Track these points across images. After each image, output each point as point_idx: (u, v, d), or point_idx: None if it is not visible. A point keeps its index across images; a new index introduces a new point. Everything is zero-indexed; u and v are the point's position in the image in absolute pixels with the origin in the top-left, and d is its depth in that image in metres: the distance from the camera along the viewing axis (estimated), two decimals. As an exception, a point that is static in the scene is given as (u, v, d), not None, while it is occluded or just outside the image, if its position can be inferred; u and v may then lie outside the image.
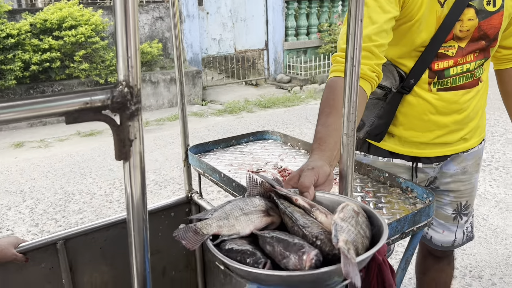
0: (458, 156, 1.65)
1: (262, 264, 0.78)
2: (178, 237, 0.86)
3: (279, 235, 0.84)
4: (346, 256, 0.73)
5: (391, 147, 1.66)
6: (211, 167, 1.70)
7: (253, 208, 0.96)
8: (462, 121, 1.56)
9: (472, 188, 1.75)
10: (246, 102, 7.86)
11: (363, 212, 0.93)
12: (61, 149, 5.54)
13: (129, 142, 0.74)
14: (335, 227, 0.80)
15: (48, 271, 1.65)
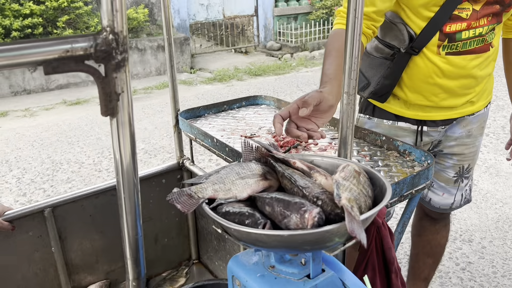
0: (463, 119, 1.62)
1: (261, 224, 0.74)
2: (172, 200, 0.81)
3: (279, 195, 0.80)
4: (350, 213, 0.69)
5: (397, 110, 1.62)
6: (203, 132, 1.64)
7: (250, 172, 0.92)
8: (469, 86, 1.52)
9: (475, 151, 1.73)
10: (235, 70, 7.72)
11: (365, 172, 0.89)
12: (47, 118, 5.41)
13: (116, 96, 0.67)
14: (337, 186, 0.76)
15: (36, 239, 1.60)
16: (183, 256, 2.07)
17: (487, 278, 2.48)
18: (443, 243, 1.94)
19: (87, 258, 1.75)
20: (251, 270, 0.89)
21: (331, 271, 0.88)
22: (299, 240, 0.72)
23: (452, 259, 2.65)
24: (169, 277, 1.95)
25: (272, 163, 0.94)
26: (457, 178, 1.73)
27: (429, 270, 2.02)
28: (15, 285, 1.60)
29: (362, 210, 0.76)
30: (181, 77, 7.27)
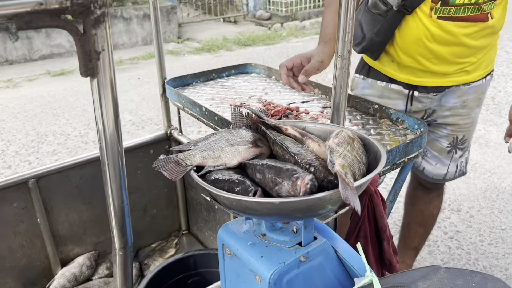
0: (458, 88, 1.59)
1: (252, 192, 0.71)
2: (158, 167, 0.78)
3: (270, 162, 0.76)
4: (344, 180, 0.66)
5: (390, 72, 1.60)
6: (191, 101, 1.59)
7: (240, 139, 0.88)
8: (461, 55, 1.48)
9: (471, 123, 1.70)
10: (224, 40, 7.57)
11: (359, 139, 0.86)
12: (31, 89, 5.27)
13: (96, 54, 0.63)
14: (331, 152, 0.73)
15: (21, 210, 1.57)
16: (172, 227, 2.05)
17: (474, 246, 2.52)
18: (435, 213, 1.95)
19: (75, 230, 1.73)
20: (241, 239, 0.87)
21: (323, 239, 0.86)
22: (290, 207, 0.69)
23: (440, 228, 2.68)
24: (159, 248, 1.94)
25: (263, 129, 0.90)
26: (450, 149, 1.72)
27: (419, 240, 2.04)
28: (1, 256, 1.57)
29: (356, 177, 0.73)
30: (168, 47, 7.11)
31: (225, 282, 0.94)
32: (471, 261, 2.40)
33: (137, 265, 1.82)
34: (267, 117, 0.93)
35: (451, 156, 1.73)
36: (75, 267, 1.72)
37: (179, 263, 1.52)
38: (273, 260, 0.81)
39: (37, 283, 1.69)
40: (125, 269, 0.83)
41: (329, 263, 0.88)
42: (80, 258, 1.75)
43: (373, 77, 1.66)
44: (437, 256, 2.44)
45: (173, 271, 1.51)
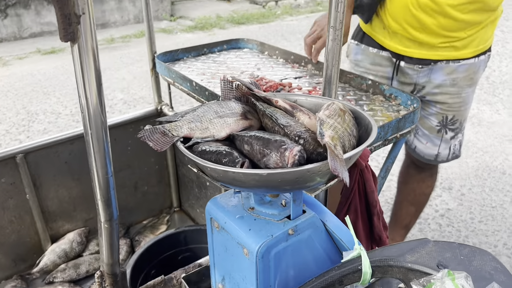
0: (447, 65, 1.56)
1: (239, 163, 0.69)
2: (144, 138, 0.75)
3: (259, 133, 0.75)
4: (333, 151, 0.65)
5: (381, 39, 1.61)
6: (181, 76, 1.56)
7: (229, 111, 0.86)
8: (448, 27, 1.45)
9: (461, 102, 1.66)
10: (218, 18, 7.45)
11: (350, 112, 0.84)
12: (21, 68, 5.18)
13: (76, 18, 0.60)
14: (321, 123, 0.71)
15: (9, 186, 1.55)
16: (164, 204, 2.05)
17: (464, 224, 2.54)
18: (427, 192, 1.95)
19: (64, 206, 1.71)
20: (229, 212, 0.86)
21: (312, 212, 0.85)
22: (278, 179, 0.68)
23: (432, 206, 2.70)
24: (150, 224, 1.93)
25: (253, 101, 0.88)
26: (440, 128, 1.70)
27: (410, 218, 2.04)
28: (-11, 233, 1.56)
29: (346, 149, 0.72)
30: (160, 25, 6.99)
31: (214, 256, 0.94)
32: (461, 238, 2.43)
33: (128, 241, 1.82)
34: (258, 89, 0.90)
35: (441, 136, 1.72)
36: (66, 243, 1.71)
37: (170, 239, 1.51)
38: (261, 233, 0.80)
39: (27, 259, 1.68)
40: (111, 242, 0.82)
41: (317, 237, 0.87)
42: (71, 234, 1.74)
43: (366, 43, 1.67)
44: (427, 233, 2.46)
45: (163, 246, 1.50)
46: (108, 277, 0.87)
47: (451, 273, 0.68)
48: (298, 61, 1.78)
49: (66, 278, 1.63)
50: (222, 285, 0.94)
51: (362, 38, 1.68)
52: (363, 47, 1.68)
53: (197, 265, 1.07)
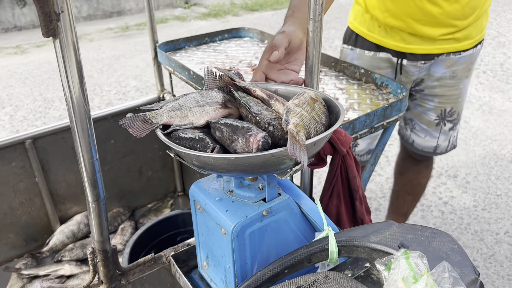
0: (448, 58, 1.56)
1: (210, 148, 0.75)
2: (124, 125, 0.82)
3: (229, 121, 0.80)
4: (294, 137, 0.70)
5: (378, 39, 1.58)
6: (180, 65, 1.62)
7: (209, 100, 0.91)
8: (452, 15, 1.44)
9: (459, 94, 1.66)
10: (231, 5, 7.46)
11: (322, 100, 0.88)
12: (38, 56, 5.32)
13: (56, 16, 0.66)
14: (287, 111, 0.77)
15: (20, 170, 1.64)
16: (168, 189, 2.13)
17: (467, 211, 2.56)
18: (424, 182, 1.97)
19: (72, 189, 1.81)
20: (210, 195, 0.92)
21: (287, 195, 0.91)
22: (245, 163, 0.73)
23: (435, 193, 2.72)
24: (154, 208, 2.02)
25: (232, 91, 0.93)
26: (439, 121, 1.70)
27: (408, 207, 2.07)
28: (2, 213, 1.66)
29: (311, 136, 0.76)
30: (174, 12, 7.05)
31: (198, 236, 1.00)
32: (463, 225, 2.45)
33: (133, 223, 1.91)
34: (239, 79, 0.95)
35: (439, 129, 1.72)
36: (74, 225, 1.81)
37: (169, 221, 1.59)
38: (237, 214, 0.86)
39: (37, 238, 1.79)
40: (100, 220, 0.89)
41: (293, 218, 0.92)
42: (78, 216, 1.84)
43: (361, 47, 1.64)
44: (429, 220, 2.49)
45: (163, 228, 1.58)
46: (99, 253, 0.94)
47: (407, 252, 0.72)
48: (296, 50, 1.81)
49: (74, 257, 1.73)
50: (207, 263, 1.01)
51: (356, 41, 1.64)
52: (358, 51, 1.64)
53: (186, 244, 1.14)
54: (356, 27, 1.63)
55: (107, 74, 4.60)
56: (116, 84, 4.37)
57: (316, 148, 0.79)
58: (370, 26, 1.58)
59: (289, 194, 0.93)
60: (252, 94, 0.93)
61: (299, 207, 0.93)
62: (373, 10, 1.53)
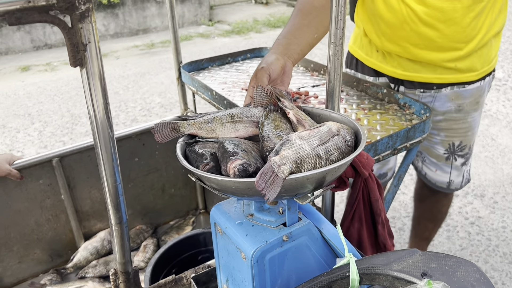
0: (452, 91, 1.47)
1: (203, 165, 0.77)
2: (154, 130, 0.85)
3: (227, 143, 0.80)
4: (270, 168, 0.68)
5: (376, 64, 1.53)
6: (203, 85, 1.65)
7: (246, 117, 0.92)
8: (453, 37, 1.34)
9: (467, 128, 1.56)
10: (254, 22, 7.55)
11: (346, 133, 0.83)
12: (67, 73, 5.49)
13: (83, 46, 0.68)
14: (283, 142, 0.74)
15: (47, 187, 1.69)
16: (190, 206, 2.14)
17: (495, 233, 2.48)
18: (444, 210, 1.89)
19: (96, 206, 1.84)
20: (231, 218, 0.93)
21: (308, 220, 0.90)
22: (232, 186, 0.74)
23: (461, 213, 2.65)
24: (176, 225, 2.03)
25: (269, 109, 0.94)
26: (448, 155, 1.61)
27: (430, 232, 2.00)
28: (29, 229, 1.70)
29: (302, 170, 0.72)
30: (199, 29, 7.18)
31: (218, 258, 1.00)
32: (490, 247, 2.37)
33: (155, 241, 1.92)
34: (287, 99, 0.96)
35: (450, 163, 1.64)
36: (97, 241, 1.84)
37: (190, 240, 1.60)
38: (257, 239, 0.85)
39: (62, 254, 1.82)
40: (122, 242, 0.90)
41: (313, 243, 0.92)
42: (102, 233, 1.87)
43: (361, 71, 1.61)
44: (455, 241, 2.42)
45: (184, 247, 1.59)
46: (121, 275, 0.95)
47: (430, 282, 0.71)
48: (318, 69, 1.82)
49: (97, 274, 1.76)
50: (227, 286, 1.01)
51: (356, 65, 1.61)
52: (360, 76, 1.60)
53: (206, 266, 1.14)
54: (356, 51, 1.60)
55: (132, 91, 4.70)
56: (141, 101, 4.45)
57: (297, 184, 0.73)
58: (368, 51, 1.54)
59: (310, 218, 0.92)
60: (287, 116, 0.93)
61: (319, 232, 0.92)
62: (370, 34, 1.48)
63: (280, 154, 0.71)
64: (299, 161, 0.71)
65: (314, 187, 0.77)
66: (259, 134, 0.84)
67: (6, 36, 6.34)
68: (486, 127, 3.65)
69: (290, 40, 1.16)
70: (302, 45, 1.17)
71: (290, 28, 1.20)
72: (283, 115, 0.95)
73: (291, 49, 1.13)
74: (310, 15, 1.20)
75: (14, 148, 3.64)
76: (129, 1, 7.02)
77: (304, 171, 0.72)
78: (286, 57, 1.11)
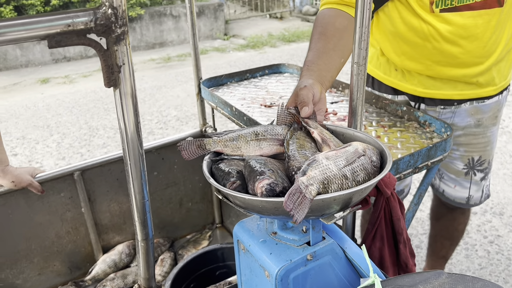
0: (472, 106, 1.48)
1: (230, 183, 0.78)
2: (181, 147, 0.87)
3: (256, 162, 0.81)
4: (297, 187, 0.69)
5: (394, 82, 1.53)
6: (223, 101, 1.67)
7: (270, 136, 0.93)
8: (475, 53, 1.35)
9: (486, 142, 1.56)
10: (269, 36, 7.62)
11: (372, 154, 0.83)
12: (85, 85, 5.59)
13: (118, 68, 0.70)
14: (310, 162, 0.75)
15: (68, 200, 1.71)
16: (207, 220, 2.15)
17: (515, 252, 2.43)
18: (461, 228, 1.86)
19: (115, 219, 1.86)
20: (254, 236, 0.93)
21: (331, 239, 0.90)
22: (259, 205, 0.75)
23: (480, 231, 2.61)
24: (193, 239, 2.04)
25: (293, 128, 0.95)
26: (467, 170, 1.61)
27: (447, 250, 1.97)
28: (50, 241, 1.73)
29: (329, 191, 0.72)
30: (214, 44, 7.27)
31: (241, 275, 1.01)
32: (511, 266, 2.33)
33: (172, 255, 1.93)
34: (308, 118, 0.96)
35: (469, 179, 1.63)
36: (115, 254, 1.85)
37: (208, 255, 1.60)
38: (281, 257, 0.86)
39: (81, 267, 1.84)
40: (147, 258, 0.91)
41: (337, 263, 0.92)
42: (120, 246, 1.89)
43: (378, 89, 1.61)
44: (474, 260, 2.38)
45: (202, 262, 1.59)
46: (145, 290, 0.96)
47: (458, 306, 0.70)
48: (336, 85, 1.83)
49: (115, 287, 1.77)
50: (248, 303, 1.01)
51: (373, 84, 1.61)
52: (377, 93, 1.60)
53: (227, 282, 1.14)
54: (372, 70, 1.60)
55: (149, 104, 4.76)
56: (157, 114, 4.51)
57: (324, 204, 0.73)
58: (386, 69, 1.54)
59: (333, 237, 0.92)
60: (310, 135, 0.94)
61: (343, 251, 0.92)
62: (388, 54, 1.48)
63: (307, 174, 0.72)
64: (326, 181, 0.72)
65: (340, 207, 0.78)
66: (285, 153, 0.85)
67: (26, 49, 6.49)
68: (504, 143, 3.60)
69: (320, 66, 1.15)
70: (332, 71, 1.17)
71: (317, 53, 1.19)
72: (308, 134, 0.96)
73: (323, 76, 1.13)
74: (334, 38, 1.21)
75: (33, 159, 3.70)
76: (146, 15, 7.14)
77: (331, 192, 0.72)
78: (320, 83, 1.09)
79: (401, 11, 1.36)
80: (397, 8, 1.37)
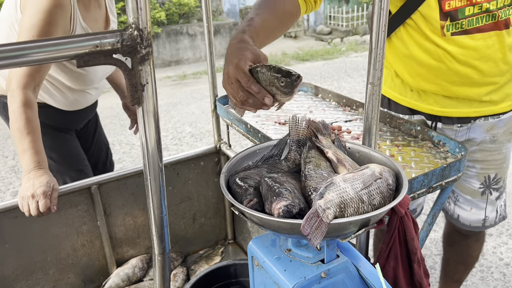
0: (487, 122, 1.49)
1: (247, 201, 0.79)
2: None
3: (273, 181, 0.83)
4: (316, 213, 0.70)
5: (411, 103, 1.54)
6: (238, 118, 1.69)
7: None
8: (489, 72, 1.37)
9: (502, 159, 1.57)
10: (283, 55, 7.70)
11: (389, 176, 0.83)
12: (102, 101, 5.67)
13: (141, 87, 0.74)
14: (328, 185, 0.76)
15: (84, 213, 1.75)
16: (219, 236, 2.16)
17: (532, 276, 2.39)
18: (475, 255, 1.83)
19: (130, 233, 1.88)
20: (268, 252, 0.94)
21: (346, 257, 0.91)
22: (266, 223, 0.77)
23: (496, 253, 2.57)
24: (206, 255, 2.05)
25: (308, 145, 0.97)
26: (484, 190, 1.60)
27: (461, 274, 1.93)
28: (65, 253, 1.75)
29: (346, 215, 0.73)
30: (229, 61, 7.36)
31: (254, 292, 1.01)
32: (528, 291, 2.28)
33: (184, 270, 1.94)
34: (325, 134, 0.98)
35: (486, 198, 1.61)
36: (129, 268, 1.87)
37: (221, 271, 1.61)
38: (295, 275, 0.87)
39: (95, 280, 1.86)
40: (164, 272, 0.93)
41: (351, 281, 0.92)
42: (134, 260, 1.90)
43: (395, 110, 1.61)
44: (490, 283, 2.34)
45: (215, 278, 1.60)
46: (160, 304, 0.97)
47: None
48: (350, 104, 1.85)
49: (128, 301, 1.78)
50: (262, 320, 1.01)
51: (389, 105, 1.61)
52: (394, 114, 1.61)
53: (240, 298, 1.15)
54: (387, 91, 1.61)
55: (164, 120, 4.83)
56: (172, 130, 4.56)
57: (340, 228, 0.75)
58: (401, 90, 1.55)
59: (347, 255, 0.93)
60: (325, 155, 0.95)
61: (357, 269, 0.93)
62: (403, 75, 1.50)
63: (325, 197, 0.73)
64: (343, 205, 0.73)
65: (356, 230, 0.79)
66: (301, 172, 0.87)
67: (46, 65, 6.66)
68: (520, 164, 3.56)
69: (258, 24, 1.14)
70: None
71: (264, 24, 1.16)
72: (321, 152, 0.98)
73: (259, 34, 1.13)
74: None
75: (49, 173, 3.76)
76: (163, 34, 7.29)
77: (347, 215, 0.73)
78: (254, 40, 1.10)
79: (413, 35, 1.40)
80: (409, 32, 1.40)
